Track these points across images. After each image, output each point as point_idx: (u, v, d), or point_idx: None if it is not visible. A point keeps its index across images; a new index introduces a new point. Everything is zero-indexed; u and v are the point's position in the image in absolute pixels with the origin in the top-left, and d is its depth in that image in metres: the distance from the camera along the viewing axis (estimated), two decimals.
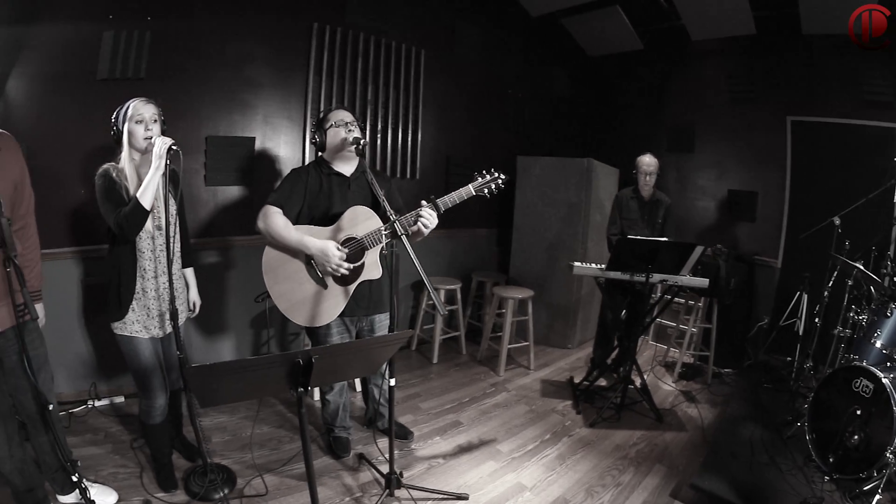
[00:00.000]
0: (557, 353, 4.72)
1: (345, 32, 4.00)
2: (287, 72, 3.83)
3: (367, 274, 2.52)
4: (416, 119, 4.52)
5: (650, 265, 3.18)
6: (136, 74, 3.31)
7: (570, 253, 4.53)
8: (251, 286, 3.50)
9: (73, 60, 3.24)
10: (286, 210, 2.50)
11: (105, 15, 3.24)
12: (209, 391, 1.62)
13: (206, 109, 3.58)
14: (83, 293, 3.42)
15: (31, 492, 2.39)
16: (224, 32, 3.58)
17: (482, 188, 2.52)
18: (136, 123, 2.29)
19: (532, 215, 4.82)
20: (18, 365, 2.19)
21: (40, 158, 2.57)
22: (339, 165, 2.64)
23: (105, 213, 2.26)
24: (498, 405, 3.61)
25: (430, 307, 4.43)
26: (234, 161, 3.67)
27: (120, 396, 3.63)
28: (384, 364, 2.24)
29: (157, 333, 2.48)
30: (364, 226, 2.47)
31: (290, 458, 2.93)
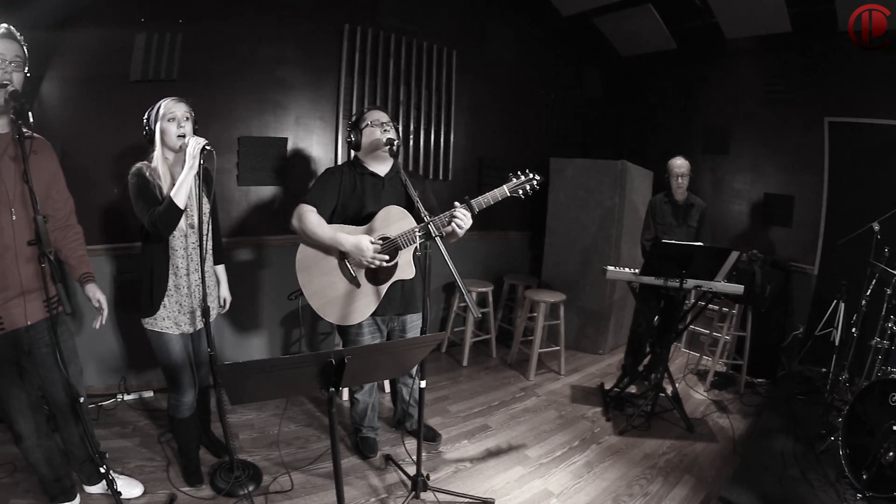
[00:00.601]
0: (588, 358, 4.72)
1: (376, 33, 4.10)
2: (319, 73, 3.93)
3: (400, 274, 2.56)
4: (449, 120, 4.60)
5: (685, 270, 3.18)
6: (169, 76, 3.43)
7: (603, 257, 4.56)
8: (282, 285, 3.58)
9: (106, 63, 3.37)
10: (320, 209, 2.55)
11: (137, 18, 3.38)
12: (240, 388, 1.65)
13: (238, 110, 3.69)
14: (115, 289, 3.54)
15: (58, 481, 2.48)
16: (256, 35, 3.69)
17: (517, 189, 2.54)
18: (169, 121, 2.35)
19: (565, 218, 4.85)
20: (48, 357, 2.28)
21: (74, 159, 2.68)
22: (374, 165, 2.68)
23: (139, 211, 2.34)
24: (527, 410, 3.64)
25: (461, 309, 4.52)
26: (266, 161, 3.78)
27: (149, 391, 3.74)
28: (415, 366, 2.16)
29: (187, 329, 2.56)
30: (397, 226, 2.52)
31: (317, 457, 2.99)
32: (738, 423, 3.54)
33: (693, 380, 4.24)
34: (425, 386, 2.45)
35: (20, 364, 2.24)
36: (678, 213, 3.82)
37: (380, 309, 2.61)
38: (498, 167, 4.84)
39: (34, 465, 2.44)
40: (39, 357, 2.29)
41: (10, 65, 2.01)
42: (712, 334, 4.31)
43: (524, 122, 5.20)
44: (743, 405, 3.81)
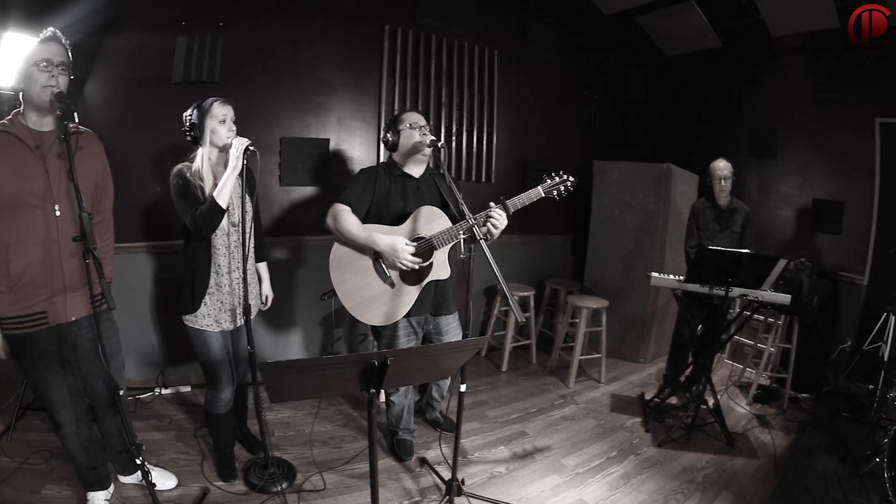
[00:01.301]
0: (629, 367, 4.73)
1: (416, 34, 4.20)
2: (360, 75, 4.05)
3: (435, 274, 2.62)
4: (491, 121, 4.68)
5: (730, 278, 3.15)
6: (211, 78, 3.60)
7: (646, 262, 4.56)
8: (322, 285, 3.73)
9: (149, 66, 3.55)
10: (354, 209, 2.63)
11: (178, 22, 3.55)
12: (281, 387, 1.70)
13: (279, 111, 3.84)
14: (157, 286, 3.72)
15: (94, 469, 2.60)
16: (296, 36, 3.84)
17: (551, 190, 2.60)
18: (220, 123, 2.46)
19: (609, 222, 4.88)
20: (91, 351, 2.40)
21: (117, 158, 2.82)
22: (410, 167, 2.75)
23: (181, 211, 2.44)
24: (565, 418, 3.68)
25: (501, 313, 4.60)
26: (308, 162, 3.91)
27: (186, 386, 3.90)
28: (457, 370, 2.26)
29: (227, 327, 2.65)
30: (433, 225, 2.58)
31: (352, 457, 3.08)
32: (781, 439, 3.49)
33: (735, 392, 4.19)
34: (465, 390, 2.49)
35: (63, 356, 2.34)
36: (721, 219, 3.80)
37: (413, 309, 2.67)
38: (541, 170, 4.79)
39: (71, 452, 2.54)
40: (82, 351, 2.39)
41: (56, 68, 2.12)
42: (756, 345, 4.27)
43: (567, 124, 5.26)
44: (786, 421, 3.75)
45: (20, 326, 2.21)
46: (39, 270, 2.19)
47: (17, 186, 2.11)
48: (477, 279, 2.38)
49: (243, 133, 2.48)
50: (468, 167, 4.59)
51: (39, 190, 2.08)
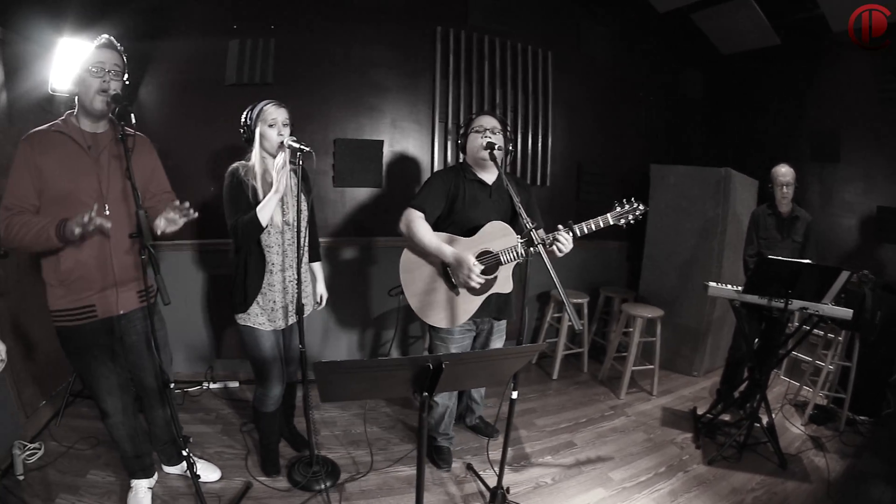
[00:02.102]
0: (682, 379, 4.71)
1: (469, 35, 4.33)
2: (413, 76, 4.20)
3: (498, 287, 2.72)
4: (546, 123, 4.77)
5: (790, 290, 3.10)
6: (264, 80, 3.82)
7: (704, 271, 4.54)
8: (374, 286, 3.71)
9: (202, 68, 3.78)
10: (427, 214, 2.72)
11: (229, 26, 3.77)
12: (333, 387, 1.74)
13: (333, 113, 4.01)
14: (208, 282, 3.93)
15: (139, 458, 2.73)
16: (348, 38, 4.00)
17: (620, 218, 2.63)
18: (270, 127, 2.54)
19: (666, 228, 4.88)
20: (139, 344, 2.55)
21: (171, 158, 3.04)
22: (481, 172, 2.83)
23: (227, 214, 2.57)
24: (615, 430, 3.70)
25: (554, 320, 4.71)
26: (361, 163, 4.08)
27: (234, 381, 4.08)
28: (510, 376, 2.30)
29: (279, 326, 2.75)
30: (501, 241, 2.66)
31: (397, 460, 3.20)
32: (835, 463, 3.37)
33: (790, 411, 4.10)
34: (516, 397, 2.55)
35: (111, 348, 2.48)
36: (782, 227, 3.79)
37: (476, 312, 2.78)
38: (597, 173, 5.09)
39: (117, 441, 2.68)
40: (130, 343, 2.53)
41: (109, 73, 2.25)
42: (815, 363, 4.14)
43: (622, 126, 5.29)
44: (842, 444, 3.62)
45: (69, 319, 2.34)
46: (90, 266, 2.31)
47: (71, 184, 2.24)
48: (531, 284, 2.47)
49: (297, 134, 2.59)
50: (523, 170, 4.69)
51: (92, 189, 2.25)
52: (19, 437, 3.08)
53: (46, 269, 2.31)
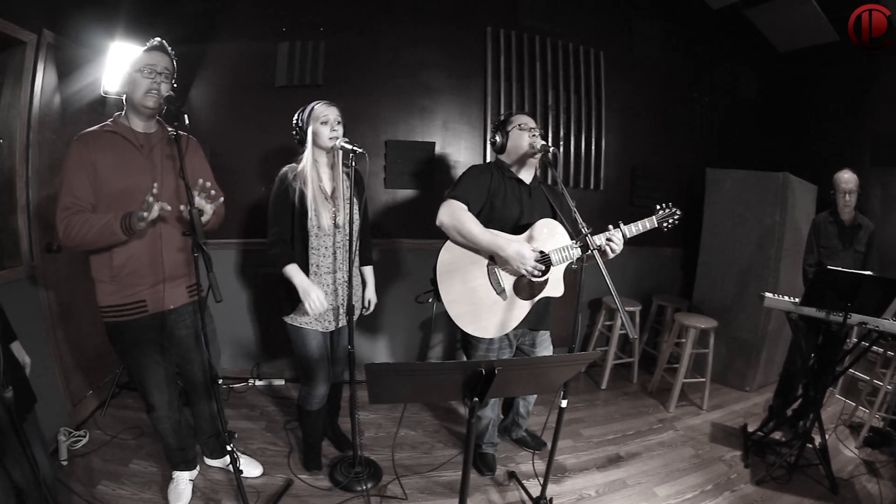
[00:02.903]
0: (733, 394, 4.67)
1: (519, 35, 4.44)
2: (464, 77, 4.34)
3: (550, 290, 2.67)
4: (599, 125, 4.83)
5: (849, 303, 3.03)
6: (314, 81, 4.00)
7: (760, 281, 4.49)
8: (423, 289, 3.72)
9: (252, 71, 3.99)
10: (470, 206, 2.65)
11: (279, 28, 3.96)
12: (382, 388, 1.77)
13: (384, 114, 4.18)
14: (256, 281, 4.12)
15: (182, 451, 2.87)
16: (397, 40, 4.16)
17: (663, 221, 2.67)
18: (322, 125, 2.62)
19: (721, 235, 4.87)
20: (187, 339, 2.68)
21: (222, 158, 3.18)
22: (520, 172, 2.82)
23: (269, 218, 2.71)
24: (663, 444, 3.71)
25: (605, 328, 4.75)
26: (413, 165, 4.23)
27: (280, 379, 4.25)
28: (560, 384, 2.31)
29: (328, 327, 2.86)
30: (553, 241, 2.63)
31: (440, 465, 3.29)
32: (889, 491, 3.28)
33: (845, 433, 4.00)
34: (565, 406, 2.54)
35: (160, 343, 2.61)
36: (844, 236, 3.72)
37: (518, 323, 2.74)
38: (651, 177, 5.11)
39: (162, 434, 2.81)
40: (179, 338, 2.67)
41: (160, 76, 2.38)
42: (872, 382, 4.08)
43: (677, 128, 5.29)
44: None
45: (120, 314, 2.47)
46: (142, 262, 2.44)
47: (126, 182, 2.37)
48: (582, 290, 2.39)
49: (349, 136, 2.68)
50: (576, 174, 4.78)
51: (146, 187, 2.38)
52: (65, 424, 3.31)
53: (96, 266, 2.45)
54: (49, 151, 3.22)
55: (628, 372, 4.83)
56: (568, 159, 4.69)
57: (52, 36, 3.12)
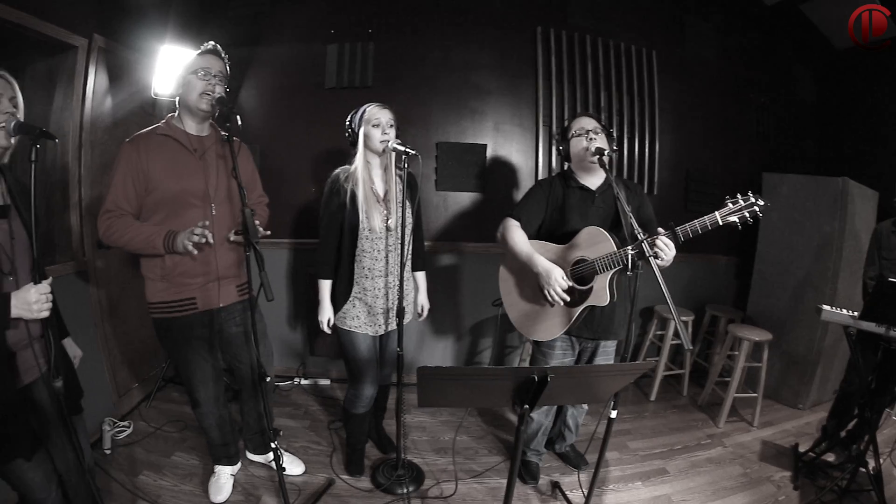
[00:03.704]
0: (786, 411, 4.58)
1: (570, 35, 4.52)
2: (515, 78, 4.42)
3: (594, 300, 2.68)
4: (653, 128, 4.84)
5: None
6: (364, 83, 4.15)
7: (817, 293, 4.43)
8: (472, 293, 3.90)
9: (301, 73, 4.14)
10: (524, 223, 2.84)
11: (327, 31, 4.10)
12: (433, 392, 1.81)
13: (434, 116, 4.30)
14: (306, 281, 4.21)
15: (225, 446, 3.00)
16: (447, 41, 4.27)
17: (732, 215, 2.37)
18: (373, 127, 2.70)
19: (778, 244, 4.80)
20: (238, 336, 2.80)
21: (272, 159, 3.28)
22: (585, 178, 2.87)
23: (320, 218, 2.81)
24: (710, 460, 3.69)
25: (656, 338, 4.79)
26: (464, 167, 4.34)
27: (326, 379, 4.42)
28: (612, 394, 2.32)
29: (378, 331, 2.95)
30: (597, 248, 2.65)
31: (484, 471, 3.36)
32: None
33: None
34: (615, 416, 2.52)
35: (209, 340, 2.74)
36: None
37: (575, 330, 2.83)
38: (705, 181, 5.10)
39: (206, 428, 2.94)
40: (229, 335, 2.80)
41: (215, 78, 2.50)
42: None
43: (731, 130, 5.23)
44: None
45: (169, 311, 2.61)
46: (193, 263, 2.56)
47: (179, 185, 2.51)
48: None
49: (400, 137, 2.77)
50: (629, 177, 4.77)
51: (199, 190, 2.55)
52: (110, 414, 3.54)
53: (146, 265, 2.62)
54: (101, 151, 3.47)
55: (678, 384, 4.87)
56: (621, 162, 4.75)
57: (102, 40, 3.36)
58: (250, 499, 2.99)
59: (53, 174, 3.23)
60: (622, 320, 2.88)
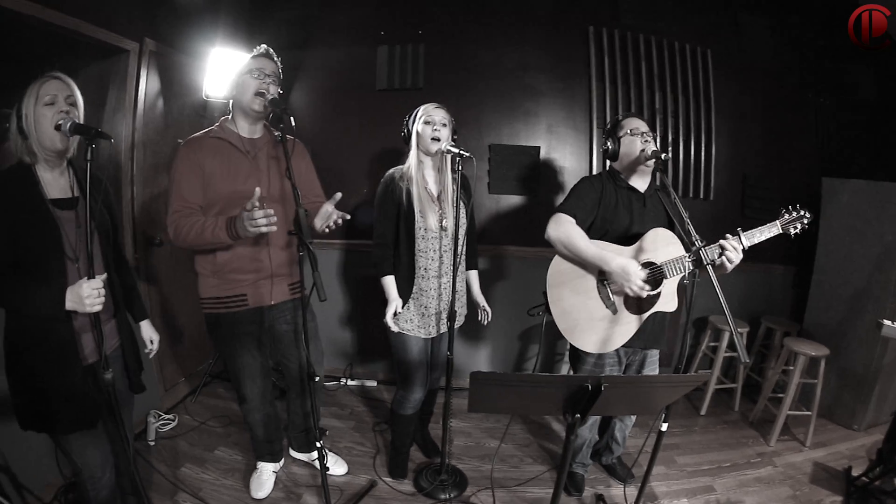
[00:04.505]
0: (840, 432, 4.42)
1: (622, 35, 4.54)
2: (568, 80, 4.46)
3: (662, 305, 2.68)
4: (709, 130, 4.77)
5: None
6: (415, 84, 4.23)
7: (877, 306, 4.21)
8: (524, 299, 4.14)
9: (351, 74, 4.25)
10: (578, 220, 2.75)
11: (377, 32, 4.20)
12: (484, 398, 1.84)
13: (486, 117, 4.36)
14: (357, 282, 4.34)
15: (270, 443, 3.09)
16: (498, 42, 4.31)
17: (788, 226, 2.50)
18: (425, 124, 2.77)
19: (837, 253, 4.62)
20: (287, 335, 2.88)
21: (323, 161, 3.50)
22: (633, 179, 2.85)
23: (374, 217, 2.88)
24: (759, 480, 3.64)
25: (709, 349, 4.75)
26: (517, 170, 4.39)
27: (372, 381, 4.52)
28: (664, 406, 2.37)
29: (430, 333, 3.02)
30: (665, 251, 2.63)
31: (528, 480, 3.39)
32: None
33: None
34: (665, 429, 2.54)
35: (258, 337, 2.83)
36: None
37: (629, 340, 2.76)
38: (763, 187, 4.96)
39: (250, 424, 3.04)
40: (280, 333, 2.89)
41: (269, 78, 2.59)
42: None
43: (789, 133, 5.07)
44: None
45: (220, 306, 2.73)
46: (245, 259, 2.68)
47: (231, 188, 2.62)
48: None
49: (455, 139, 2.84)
50: (685, 182, 4.78)
51: (251, 192, 2.56)
52: (156, 406, 3.72)
53: (200, 261, 2.77)
54: (153, 152, 3.67)
55: (730, 398, 4.82)
56: (676, 166, 4.73)
57: (153, 44, 3.56)
58: (291, 496, 3.12)
59: (108, 171, 3.38)
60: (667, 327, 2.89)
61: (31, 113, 1.93)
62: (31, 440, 2.22)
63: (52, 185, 2.06)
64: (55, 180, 2.07)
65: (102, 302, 1.93)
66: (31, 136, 1.95)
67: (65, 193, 2.09)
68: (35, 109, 1.93)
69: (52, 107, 1.94)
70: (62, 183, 2.10)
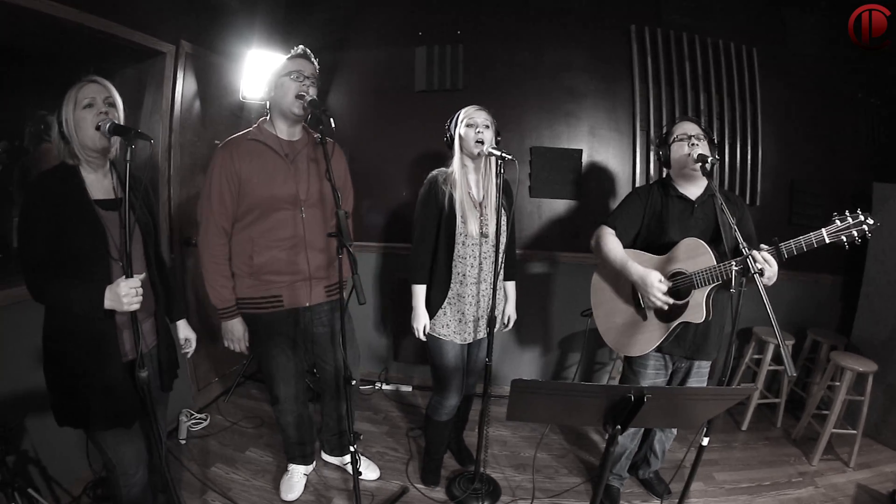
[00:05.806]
0: (886, 453, 4.33)
1: (665, 34, 4.62)
2: (610, 80, 4.57)
3: (689, 315, 2.72)
4: (756, 133, 4.77)
5: None
6: (454, 86, 4.32)
7: None
8: (565, 304, 4.02)
9: (389, 76, 4.35)
10: (619, 231, 2.94)
11: (415, 33, 4.29)
12: (523, 406, 1.86)
13: (527, 119, 4.45)
14: (394, 285, 4.39)
15: (301, 445, 3.20)
16: (538, 42, 4.39)
17: (839, 235, 2.28)
18: (468, 127, 2.81)
19: (888, 263, 4.52)
20: (323, 336, 2.96)
21: (361, 162, 3.52)
22: (684, 186, 2.92)
23: (415, 219, 2.92)
24: (800, 500, 3.62)
25: (752, 362, 4.79)
26: (559, 173, 4.47)
27: (407, 386, 4.61)
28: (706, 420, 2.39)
29: (467, 339, 3.05)
30: (696, 261, 2.69)
31: (563, 492, 3.42)
32: None
33: None
34: (707, 444, 2.52)
35: (294, 338, 2.94)
36: None
37: (667, 346, 2.91)
38: (811, 192, 4.94)
39: (283, 426, 3.14)
40: (316, 335, 3.00)
41: (308, 79, 2.68)
42: None
43: (839, 135, 5.00)
44: None
45: (255, 307, 2.86)
46: (282, 262, 2.80)
47: (270, 191, 2.76)
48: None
49: (497, 142, 2.92)
50: (730, 186, 4.83)
51: (290, 195, 2.74)
52: (188, 406, 3.91)
53: (236, 262, 2.92)
54: (190, 153, 3.91)
55: (772, 413, 4.83)
56: (722, 170, 4.81)
57: (189, 46, 3.79)
58: (321, 500, 3.28)
59: (146, 173, 3.60)
60: (716, 340, 2.93)
61: (71, 117, 2.07)
62: (63, 434, 2.33)
63: (96, 186, 2.21)
64: (99, 181, 2.24)
65: (140, 301, 2.02)
66: (72, 140, 2.11)
67: (108, 195, 2.26)
68: (75, 113, 2.08)
69: (92, 109, 2.10)
70: (105, 184, 2.26)
